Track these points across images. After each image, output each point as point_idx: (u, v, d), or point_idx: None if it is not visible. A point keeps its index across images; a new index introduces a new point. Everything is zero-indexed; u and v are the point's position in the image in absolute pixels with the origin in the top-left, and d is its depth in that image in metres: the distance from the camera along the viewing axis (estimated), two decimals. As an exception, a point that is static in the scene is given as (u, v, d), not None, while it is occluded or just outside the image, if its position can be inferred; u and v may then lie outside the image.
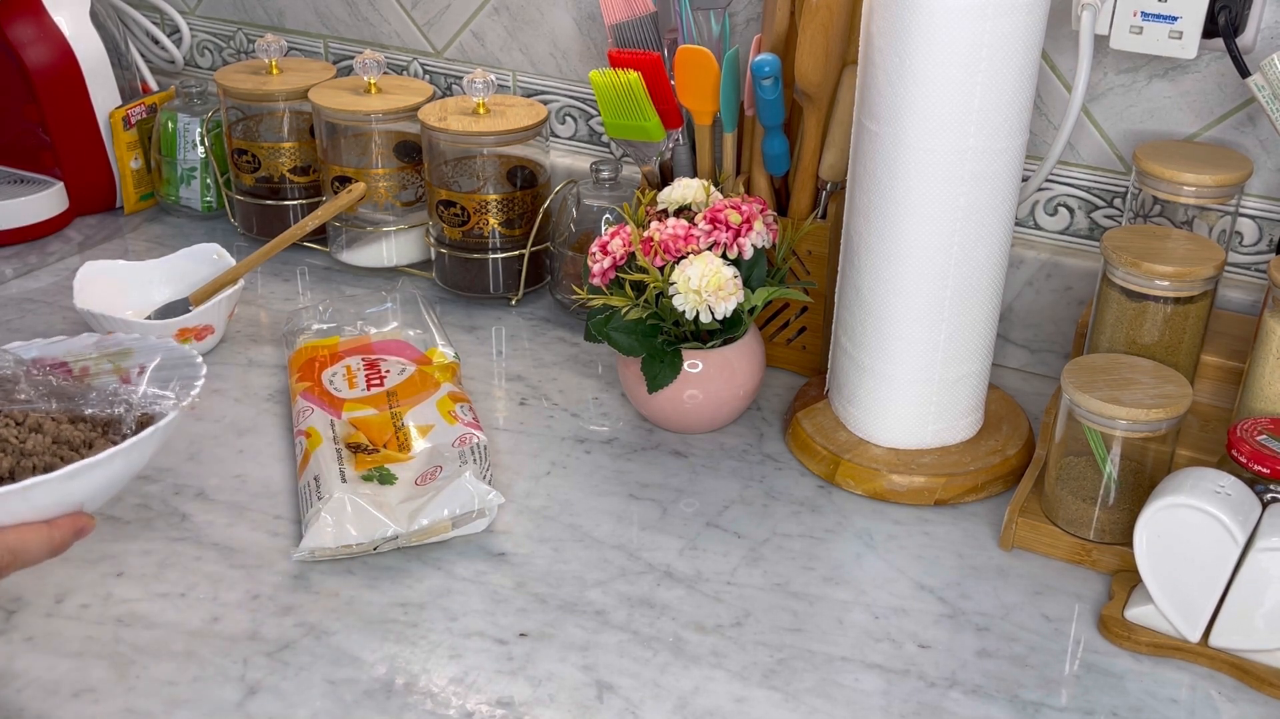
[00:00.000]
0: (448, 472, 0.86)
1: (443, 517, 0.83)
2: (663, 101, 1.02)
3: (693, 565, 0.84)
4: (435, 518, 0.83)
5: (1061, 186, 1.04)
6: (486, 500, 0.84)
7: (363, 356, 1.01)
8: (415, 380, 0.98)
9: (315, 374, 0.99)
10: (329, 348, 1.03)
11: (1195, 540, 0.73)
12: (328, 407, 0.95)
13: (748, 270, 0.93)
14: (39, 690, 0.73)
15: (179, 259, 1.14)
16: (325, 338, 1.05)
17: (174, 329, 1.04)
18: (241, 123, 1.28)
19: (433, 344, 1.03)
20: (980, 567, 0.84)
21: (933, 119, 0.82)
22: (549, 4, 1.22)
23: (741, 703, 0.73)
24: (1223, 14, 0.89)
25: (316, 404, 0.95)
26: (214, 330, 1.08)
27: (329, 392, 0.97)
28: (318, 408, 0.94)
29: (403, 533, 0.82)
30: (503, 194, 1.14)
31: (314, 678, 0.74)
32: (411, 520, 0.83)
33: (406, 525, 0.82)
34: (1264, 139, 0.95)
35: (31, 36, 1.26)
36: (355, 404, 0.95)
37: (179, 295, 1.11)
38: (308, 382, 0.98)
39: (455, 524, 0.84)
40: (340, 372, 0.99)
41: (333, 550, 0.82)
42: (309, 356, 1.02)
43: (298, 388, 0.98)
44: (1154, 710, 0.73)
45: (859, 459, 0.91)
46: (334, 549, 0.82)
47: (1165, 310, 0.86)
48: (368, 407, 0.95)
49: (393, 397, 0.96)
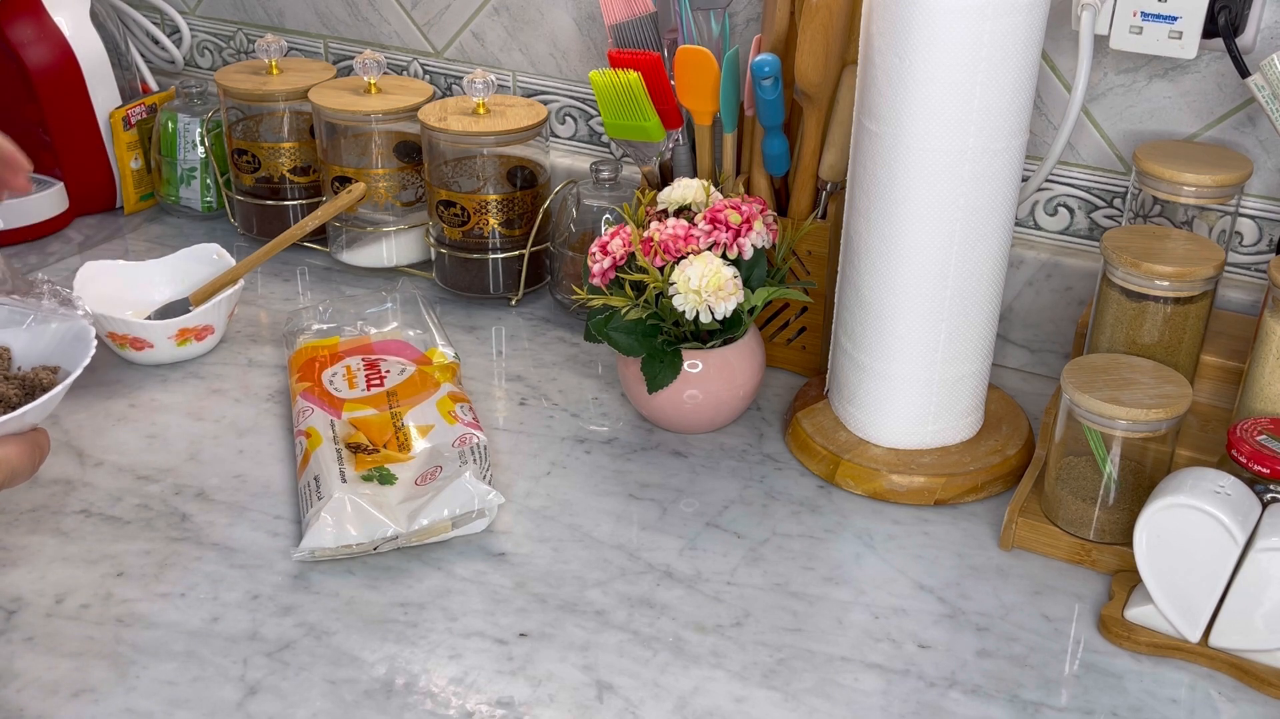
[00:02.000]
0: (448, 472, 0.86)
1: (443, 517, 0.83)
2: (663, 102, 1.02)
3: (693, 565, 0.84)
4: (435, 518, 0.83)
5: (1061, 186, 1.04)
6: (486, 500, 0.84)
7: (363, 357, 1.01)
8: (415, 380, 0.98)
9: (315, 374, 0.99)
10: (329, 348, 1.03)
11: (1195, 540, 0.73)
12: (328, 407, 0.94)
13: (748, 270, 0.93)
14: (39, 690, 0.73)
15: (179, 259, 1.14)
16: (325, 338, 1.05)
17: (174, 329, 1.04)
18: (241, 123, 1.28)
19: (433, 344, 1.03)
20: (980, 567, 0.84)
21: (933, 119, 0.82)
22: (549, 4, 1.22)
23: (741, 703, 0.73)
24: (1223, 14, 0.89)
25: (316, 404, 0.95)
26: (214, 330, 1.08)
27: (329, 392, 0.96)
28: (318, 408, 0.94)
29: (403, 533, 0.82)
30: (503, 194, 1.14)
31: (314, 678, 0.74)
32: (411, 520, 0.83)
33: (406, 525, 0.82)
34: (1264, 139, 0.95)
35: (31, 36, 1.26)
36: (355, 404, 0.95)
37: (179, 295, 1.11)
38: (308, 382, 0.98)
39: (455, 524, 0.84)
40: (340, 372, 0.99)
41: (333, 550, 0.82)
42: (309, 357, 1.02)
43: (298, 388, 0.98)
44: (1154, 710, 0.73)
45: (859, 459, 0.91)
46: (334, 549, 0.82)
47: (1165, 310, 0.86)
48: (368, 407, 0.94)
49: (393, 397, 0.96)
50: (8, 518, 0.88)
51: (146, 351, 1.05)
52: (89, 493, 0.91)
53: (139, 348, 1.05)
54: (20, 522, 0.87)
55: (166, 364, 1.07)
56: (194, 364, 1.07)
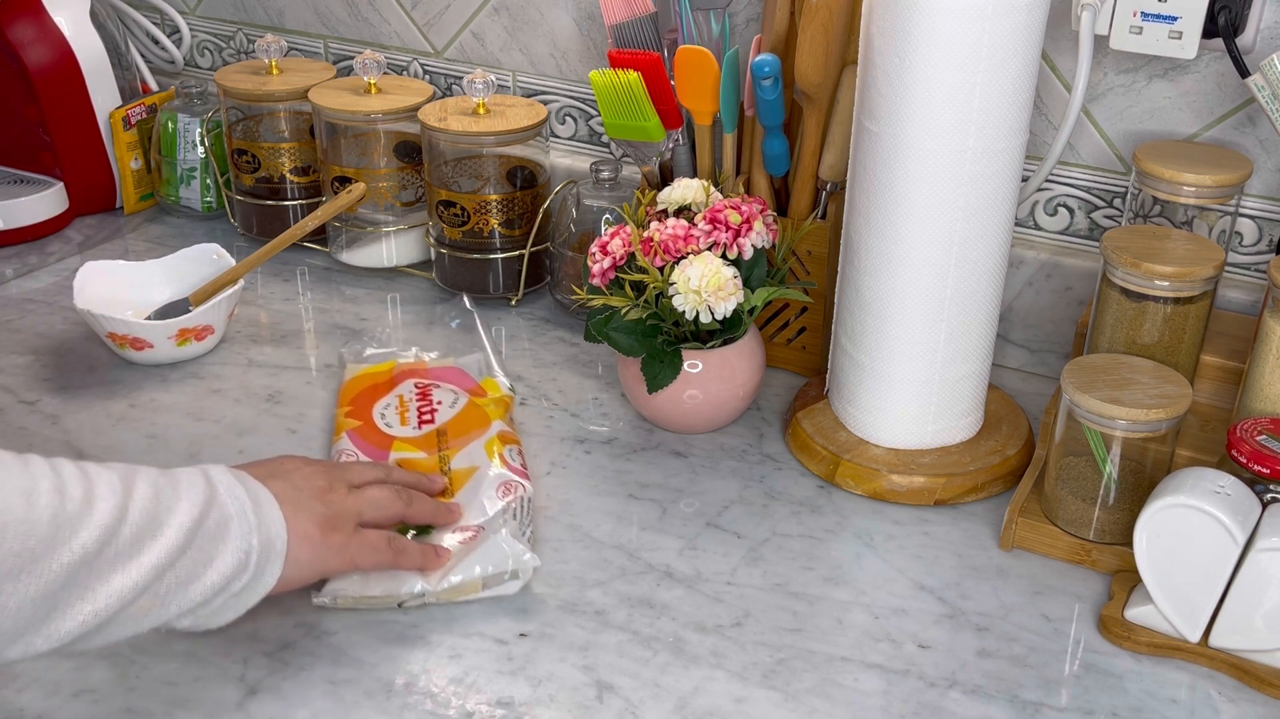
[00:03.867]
0: (486, 527, 0.82)
1: (474, 575, 0.78)
2: (663, 102, 1.02)
3: (693, 565, 0.84)
4: (466, 576, 0.78)
5: (1061, 187, 1.04)
6: (522, 563, 0.79)
7: (416, 382, 0.98)
8: (466, 415, 0.94)
9: (367, 408, 0.96)
10: (384, 373, 1.00)
11: (1195, 540, 0.73)
12: (374, 447, 0.91)
13: (748, 270, 0.93)
14: (39, 690, 0.73)
15: (179, 259, 1.14)
16: (381, 363, 1.02)
17: (174, 330, 1.04)
18: (241, 123, 1.28)
19: (489, 372, 1.01)
20: (980, 567, 0.84)
21: (933, 119, 0.82)
22: (549, 4, 1.22)
23: (741, 703, 0.73)
24: (1223, 14, 0.89)
25: (361, 449, 0.91)
26: (214, 331, 1.08)
27: (379, 427, 0.93)
28: (361, 454, 0.90)
29: (430, 590, 0.78)
30: (503, 194, 1.14)
31: (314, 678, 0.74)
32: (441, 576, 0.79)
33: (435, 582, 0.78)
34: (1264, 139, 0.95)
35: (31, 36, 1.26)
36: (404, 444, 0.92)
37: (179, 295, 1.11)
38: (358, 420, 0.95)
39: (486, 585, 0.79)
40: (393, 403, 0.96)
41: (354, 599, 0.78)
42: (364, 386, 0.98)
43: (345, 423, 0.94)
44: (1154, 710, 0.73)
45: (859, 459, 0.91)
46: (355, 597, 0.78)
47: (1165, 310, 0.86)
48: (417, 449, 0.91)
49: (443, 436, 0.92)
50: (8, 518, 0.88)
51: (146, 352, 1.05)
52: (89, 493, 0.90)
53: (139, 348, 1.05)
54: (20, 522, 0.87)
55: (166, 364, 1.07)
56: (194, 364, 1.07)
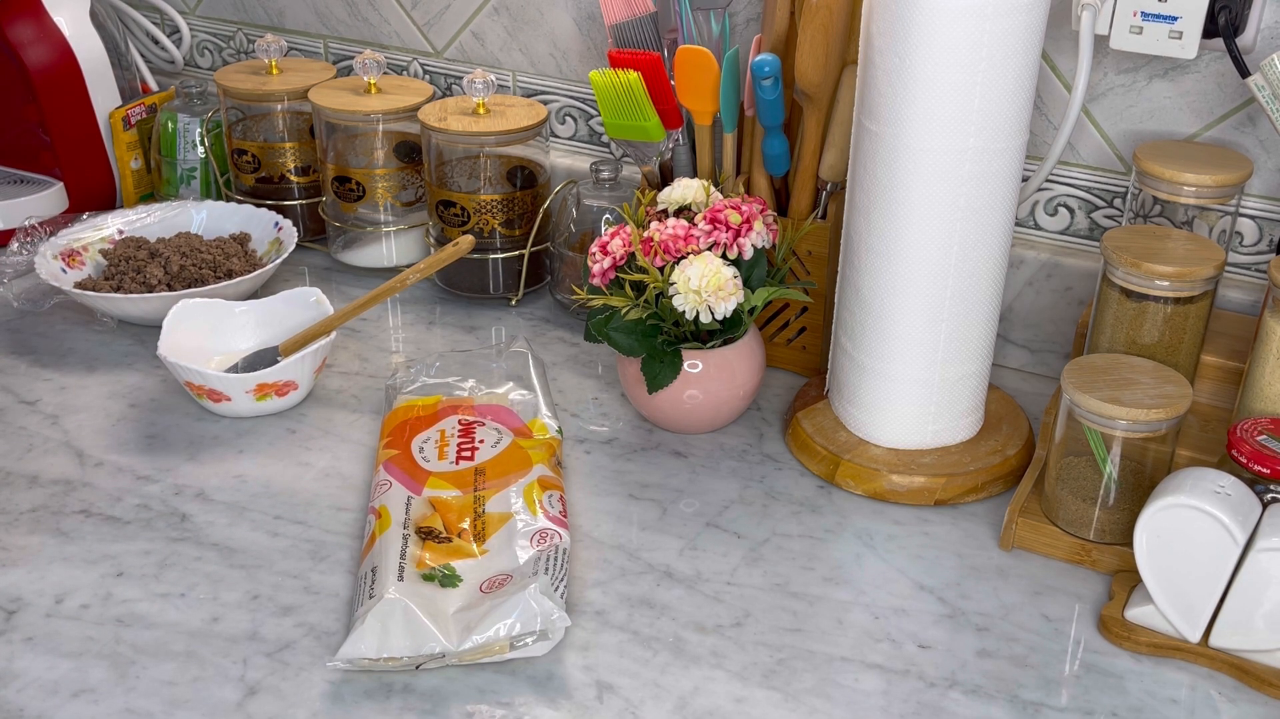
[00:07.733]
0: (517, 580, 0.77)
1: (499, 636, 0.73)
2: (663, 101, 1.02)
3: (693, 565, 0.84)
4: (491, 637, 0.73)
5: (1061, 187, 1.04)
6: (551, 622, 0.73)
7: (460, 418, 0.95)
8: (508, 456, 0.90)
9: (405, 441, 0.92)
10: (429, 407, 0.96)
11: (1195, 540, 0.73)
12: (409, 480, 0.87)
13: (748, 270, 0.93)
14: (39, 690, 0.73)
15: (275, 302, 1.07)
16: (427, 395, 0.98)
17: (252, 384, 0.97)
18: (241, 123, 1.28)
19: (536, 413, 0.96)
20: (980, 567, 0.84)
21: (933, 119, 0.82)
22: (549, 4, 1.22)
23: (741, 703, 0.73)
24: (1223, 14, 0.89)
25: (397, 477, 0.88)
26: (297, 386, 1.00)
27: (416, 461, 0.89)
28: (397, 482, 0.87)
29: (452, 651, 0.73)
30: (503, 194, 1.14)
31: (314, 678, 0.74)
32: (464, 636, 0.73)
33: (458, 642, 0.73)
34: (1264, 139, 0.95)
35: (31, 36, 1.26)
36: (440, 480, 0.87)
37: (270, 342, 1.04)
38: (395, 449, 0.91)
39: (513, 645, 0.74)
40: (433, 437, 0.92)
41: (372, 661, 0.73)
42: (404, 418, 0.95)
43: (383, 454, 0.91)
44: (1154, 710, 0.73)
45: (859, 459, 0.91)
46: (374, 659, 0.73)
47: (1165, 310, 0.86)
48: (452, 486, 0.87)
49: (480, 476, 0.88)
50: (8, 518, 0.88)
51: (224, 404, 0.98)
52: (89, 493, 0.91)
53: (216, 399, 0.98)
54: (20, 522, 0.87)
55: (248, 418, 1.00)
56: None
